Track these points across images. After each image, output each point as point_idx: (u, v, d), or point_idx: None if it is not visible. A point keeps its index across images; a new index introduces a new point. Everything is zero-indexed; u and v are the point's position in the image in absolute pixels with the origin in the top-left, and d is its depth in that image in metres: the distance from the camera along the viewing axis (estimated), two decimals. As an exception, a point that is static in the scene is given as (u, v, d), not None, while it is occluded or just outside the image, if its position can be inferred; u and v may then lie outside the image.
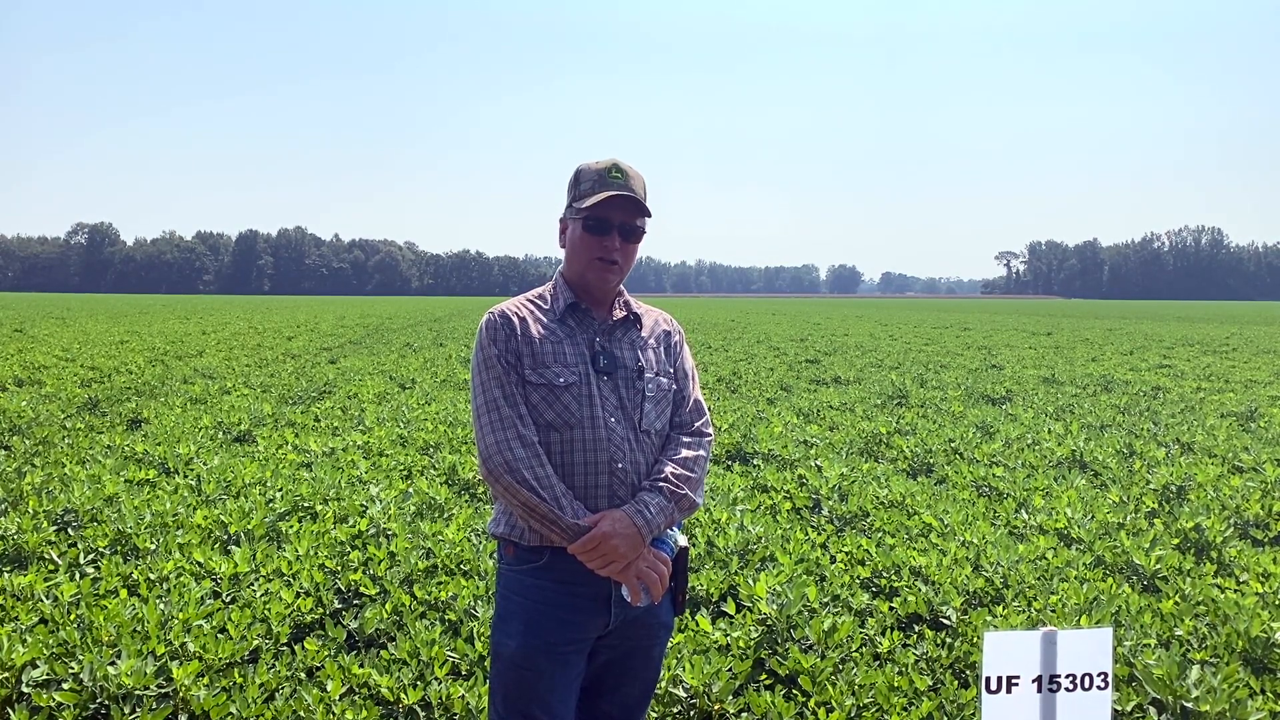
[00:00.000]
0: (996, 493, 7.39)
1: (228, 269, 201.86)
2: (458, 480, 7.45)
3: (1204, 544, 5.93)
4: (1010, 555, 5.40)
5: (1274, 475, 7.54)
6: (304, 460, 8.07)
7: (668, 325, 2.77)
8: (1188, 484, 7.41)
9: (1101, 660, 2.50)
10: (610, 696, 2.67)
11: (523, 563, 2.49)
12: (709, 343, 25.57)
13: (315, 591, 4.82)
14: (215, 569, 4.98)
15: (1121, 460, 8.57)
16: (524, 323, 2.55)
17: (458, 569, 5.20)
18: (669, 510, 2.47)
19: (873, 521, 6.35)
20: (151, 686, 3.74)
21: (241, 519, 5.84)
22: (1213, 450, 9.08)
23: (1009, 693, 2.46)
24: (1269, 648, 4.24)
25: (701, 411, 2.71)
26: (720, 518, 6.04)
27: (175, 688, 3.76)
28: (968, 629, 4.50)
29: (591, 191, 2.54)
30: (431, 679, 3.97)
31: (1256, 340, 29.09)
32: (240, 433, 9.66)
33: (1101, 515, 6.37)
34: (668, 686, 3.90)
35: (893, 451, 9.11)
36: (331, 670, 3.89)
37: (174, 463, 7.79)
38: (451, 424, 9.81)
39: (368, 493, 6.54)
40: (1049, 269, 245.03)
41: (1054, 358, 21.07)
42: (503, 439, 2.41)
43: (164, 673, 3.84)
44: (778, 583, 4.87)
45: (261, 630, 4.31)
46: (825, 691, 3.90)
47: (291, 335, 27.19)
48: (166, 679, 3.81)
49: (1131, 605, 4.65)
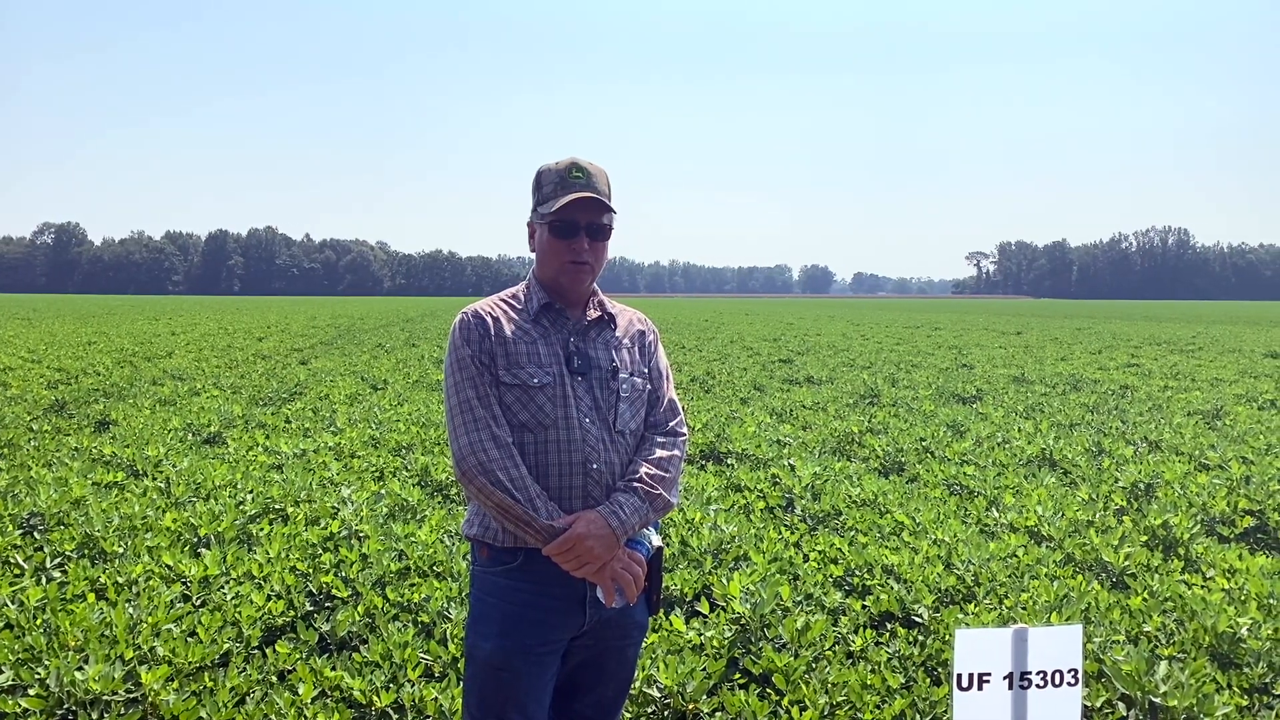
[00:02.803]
0: (967, 491, 7.44)
1: (197, 269, 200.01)
2: (430, 481, 7.41)
3: (1171, 541, 6.00)
4: (981, 553, 5.45)
5: (1239, 473, 7.64)
6: (275, 462, 8.01)
7: (642, 325, 2.77)
8: (1155, 482, 7.49)
9: (1071, 657, 2.53)
10: (585, 697, 2.67)
11: (497, 564, 2.49)
12: (683, 342, 25.60)
13: (287, 594, 4.78)
14: (185, 572, 4.93)
15: (1090, 458, 8.66)
16: (498, 323, 2.54)
17: (431, 570, 5.18)
18: (643, 511, 2.47)
19: (845, 520, 6.38)
20: (120, 692, 3.69)
21: (212, 521, 5.78)
22: (1180, 448, 9.19)
23: (981, 690, 2.47)
24: (1235, 643, 4.30)
25: (676, 411, 2.71)
26: (694, 517, 6.05)
27: (144, 692, 3.71)
28: (940, 627, 4.53)
29: (554, 194, 2.53)
30: (405, 681, 3.94)
31: (1222, 339, 29.48)
32: (210, 434, 9.57)
33: (1071, 513, 6.43)
34: (642, 686, 3.90)
35: (865, 450, 9.16)
36: (303, 673, 3.87)
37: (143, 465, 7.71)
38: (424, 425, 9.77)
39: (339, 494, 6.50)
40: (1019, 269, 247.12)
41: (1024, 357, 21.25)
42: (477, 440, 2.40)
43: (132, 677, 3.80)
44: (751, 582, 4.88)
45: (232, 633, 4.28)
46: (799, 690, 3.91)
47: (262, 336, 26.97)
48: (135, 684, 3.77)
49: (1101, 602, 4.69)
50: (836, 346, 24.50)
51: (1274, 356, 22.23)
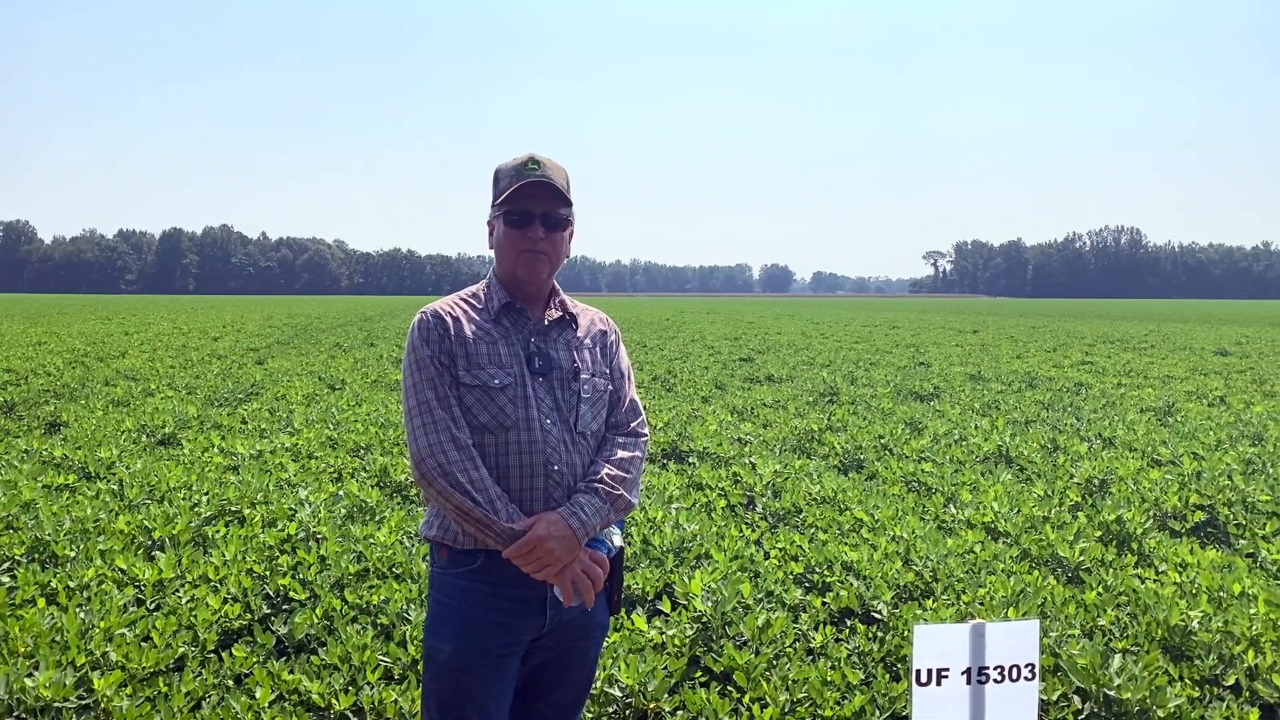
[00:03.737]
0: (925, 488, 7.51)
1: (151, 268, 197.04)
2: (389, 482, 7.36)
3: (1125, 536, 6.10)
4: (939, 549, 5.50)
5: (1190, 468, 7.78)
6: (231, 463, 7.91)
7: (604, 325, 2.76)
8: (1109, 477, 7.61)
9: (1029, 651, 2.56)
10: (546, 698, 2.66)
11: (456, 566, 2.47)
12: (644, 342, 25.62)
13: (243, 597, 4.72)
14: (139, 576, 4.85)
15: (1046, 455, 8.78)
16: (457, 323, 2.51)
17: (390, 572, 5.14)
18: (605, 511, 2.46)
19: (805, 518, 6.41)
20: (71, 698, 3.63)
21: (166, 524, 5.70)
22: (1133, 444, 9.35)
23: (939, 685, 2.50)
24: (1186, 635, 4.37)
25: (637, 411, 2.70)
26: (655, 516, 6.05)
27: (96, 699, 3.65)
28: (898, 623, 4.57)
29: (509, 186, 2.52)
30: (363, 684, 3.91)
31: (1173, 337, 30.01)
32: (164, 435, 9.43)
33: (1027, 509, 6.52)
34: (603, 686, 3.90)
35: (824, 448, 9.22)
36: (260, 677, 3.82)
37: (95, 467, 7.58)
38: (383, 425, 9.69)
39: (297, 496, 6.43)
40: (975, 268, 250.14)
41: (980, 355, 21.50)
42: (436, 442, 2.38)
43: (84, 683, 3.73)
44: (712, 580, 4.89)
45: (187, 637, 4.22)
46: (759, 687, 3.92)
47: (217, 336, 26.62)
48: (87, 690, 3.70)
49: (1056, 597, 4.76)
50: (796, 345, 24.64)
51: (1223, 354, 22.68)
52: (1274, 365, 19.17)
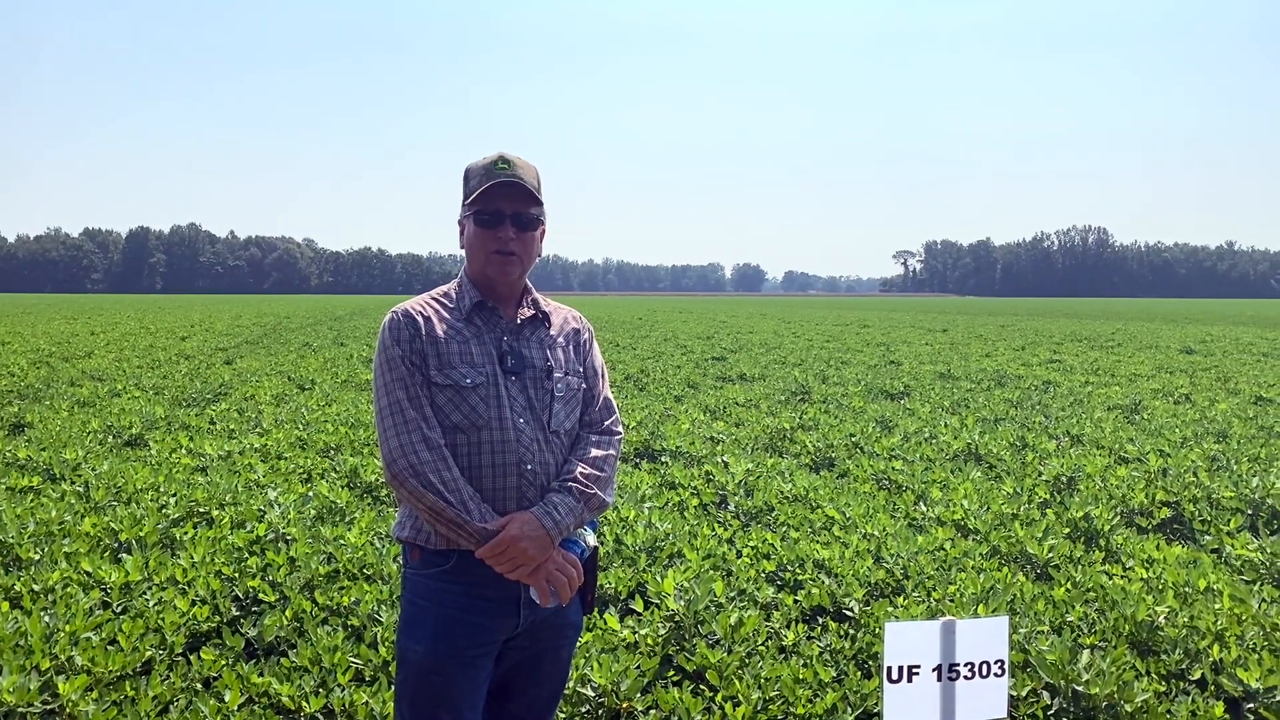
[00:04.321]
0: (896, 485, 7.56)
1: (118, 267, 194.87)
2: (360, 483, 7.31)
3: (1093, 532, 6.16)
4: (910, 547, 5.53)
5: (1157, 465, 7.88)
6: (199, 464, 7.83)
7: (577, 323, 2.75)
8: (1077, 475, 7.68)
9: (998, 648, 2.58)
10: (519, 699, 2.65)
11: (429, 566, 2.45)
12: (617, 341, 25.61)
13: (212, 599, 4.68)
14: (105, 578, 4.79)
15: (1015, 452, 8.85)
16: (429, 322, 2.50)
17: (360, 573, 5.11)
18: (578, 510, 2.45)
19: (777, 516, 6.43)
20: (36, 703, 3.58)
21: (133, 526, 5.63)
22: (1100, 442, 9.45)
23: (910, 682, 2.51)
24: (1153, 631, 4.43)
25: (611, 410, 2.70)
26: (628, 515, 6.05)
27: (62, 703, 3.61)
28: (870, 620, 4.59)
29: (479, 186, 2.51)
30: (334, 686, 3.88)
31: (1139, 336, 30.36)
32: (131, 436, 9.32)
33: (996, 506, 6.57)
34: (576, 686, 3.89)
35: (796, 447, 9.25)
36: (229, 680, 3.78)
37: (60, 469, 7.47)
38: (353, 425, 9.63)
39: (266, 497, 6.37)
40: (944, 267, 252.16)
41: (949, 354, 21.65)
42: (407, 442, 2.36)
43: (49, 688, 3.68)
44: (685, 579, 4.90)
45: (155, 640, 4.17)
46: (732, 686, 3.93)
47: (185, 335, 26.34)
48: (52, 695, 3.65)
49: (1025, 593, 4.80)
50: (768, 344, 24.71)
51: (1189, 352, 22.97)
52: (1238, 363, 19.45)
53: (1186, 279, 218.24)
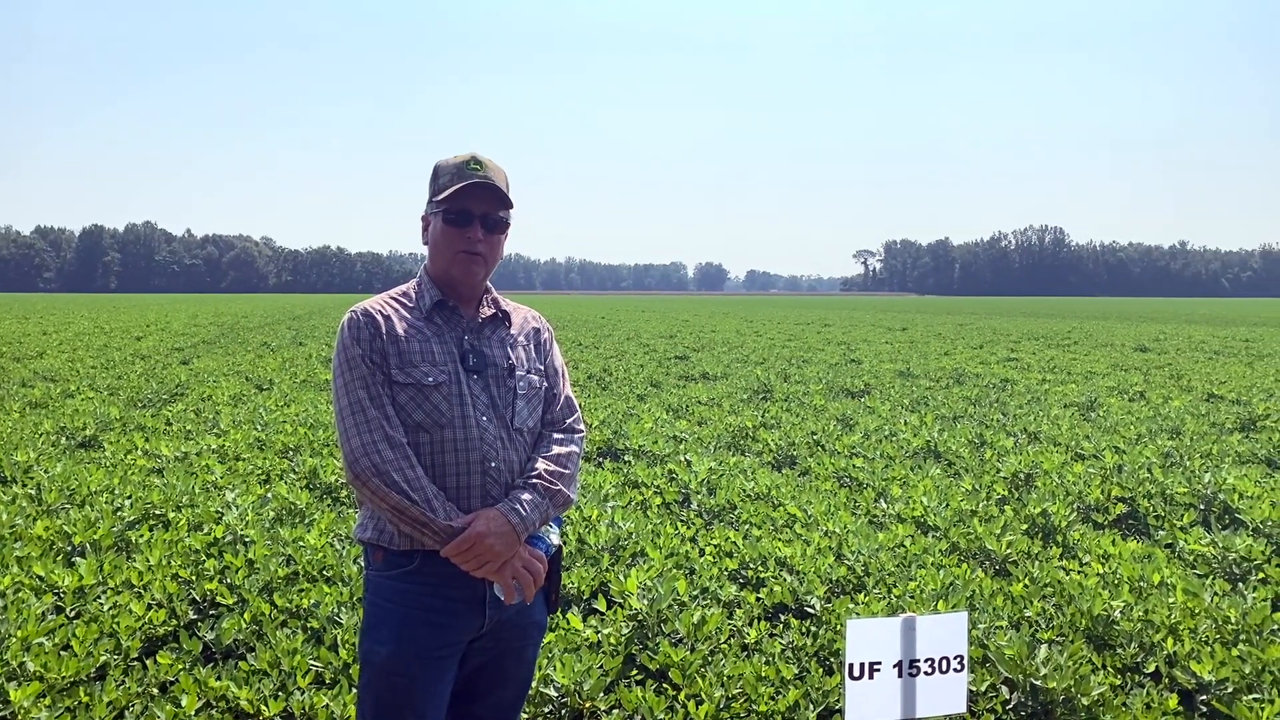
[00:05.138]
0: (857, 483, 7.61)
1: (71, 266, 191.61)
2: (319, 484, 7.24)
3: (1050, 529, 6.24)
4: (870, 544, 5.58)
5: (1112, 462, 8.00)
6: (155, 466, 7.72)
7: (536, 323, 2.75)
8: (1034, 472, 7.78)
9: (957, 644, 2.60)
10: (484, 701, 2.64)
11: (392, 567, 2.43)
12: (580, 340, 25.57)
13: (168, 603, 4.61)
14: (58, 583, 4.71)
15: (973, 450, 8.95)
16: (389, 321, 2.48)
17: (320, 575, 5.06)
18: (543, 507, 2.45)
19: (740, 514, 6.45)
20: (-13, 710, 3.51)
21: (87, 529, 5.54)
22: (1057, 439, 9.57)
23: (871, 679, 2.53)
24: (1109, 625, 4.49)
25: (573, 408, 2.70)
26: (591, 515, 6.04)
27: (13, 710, 3.54)
28: (831, 617, 4.62)
29: (450, 184, 2.50)
30: (294, 689, 3.84)
31: (1095, 334, 30.82)
32: (85, 438, 9.17)
33: (955, 503, 6.64)
34: (539, 686, 3.88)
35: (758, 445, 9.29)
36: (186, 684, 3.73)
37: (11, 471, 7.33)
38: (312, 426, 9.54)
39: (224, 498, 6.30)
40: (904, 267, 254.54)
41: (909, 352, 21.85)
42: (369, 441, 2.34)
43: (0, 695, 3.61)
44: (648, 578, 4.90)
45: (110, 645, 4.10)
46: (695, 684, 3.94)
47: (141, 335, 25.95)
48: (3, 701, 3.58)
49: (984, 589, 4.85)
50: (731, 343, 24.80)
51: (1143, 350, 23.35)
52: (1191, 361, 19.80)
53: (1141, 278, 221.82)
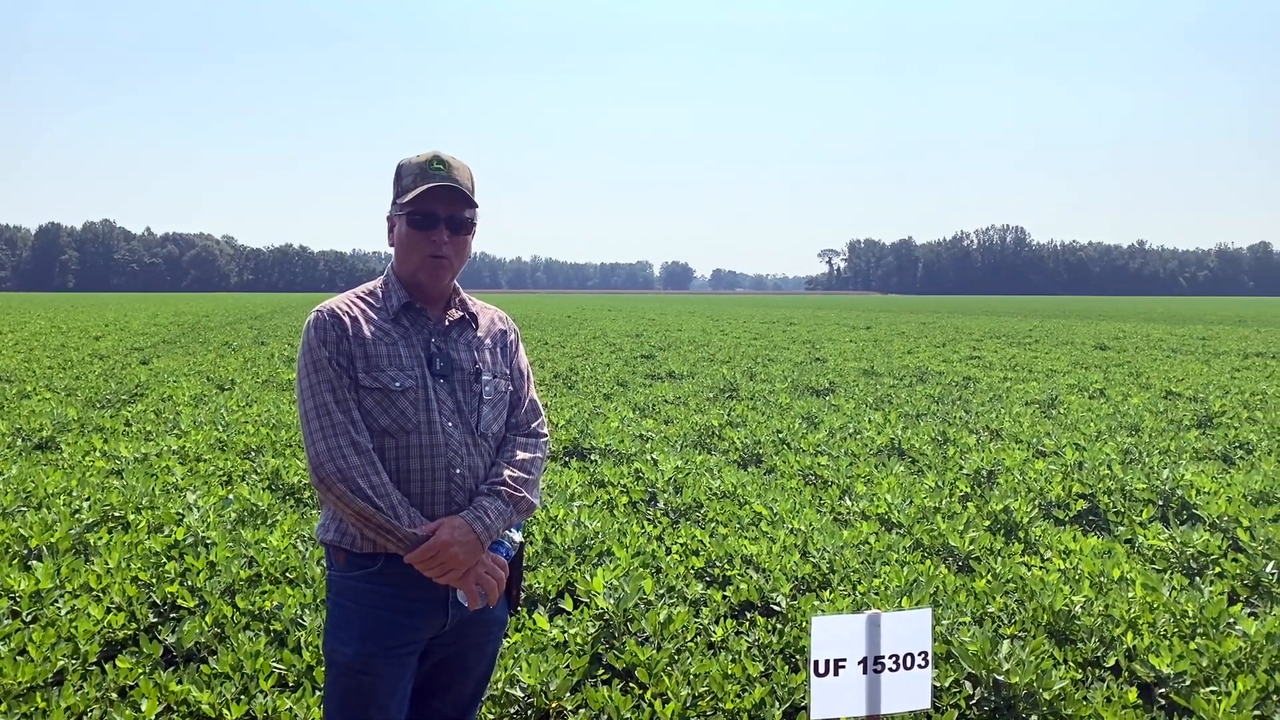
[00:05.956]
0: (822, 481, 7.65)
1: (26, 264, 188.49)
2: (282, 485, 7.17)
3: (1012, 525, 6.31)
4: (835, 541, 5.61)
5: (1073, 458, 8.10)
6: (114, 467, 7.60)
7: (503, 324, 2.73)
8: (997, 469, 7.86)
9: (922, 640, 2.62)
10: (444, 695, 2.63)
11: (354, 569, 2.42)
12: (546, 339, 25.51)
13: (128, 606, 4.55)
14: (13, 587, 4.63)
15: (936, 447, 9.03)
16: (355, 323, 2.45)
17: (283, 577, 5.01)
18: (507, 514, 2.44)
19: (706, 512, 6.47)
20: (-59, 717, 3.44)
21: (44, 531, 5.45)
22: (1018, 436, 9.68)
23: (836, 675, 2.54)
24: (1070, 620, 4.55)
25: (537, 412, 2.69)
26: (557, 514, 6.03)
27: (-31, 717, 3.47)
28: (797, 614, 4.64)
29: (413, 186, 2.47)
30: (257, 692, 3.80)
31: (1056, 333, 31.19)
32: (42, 439, 9.02)
33: (919, 500, 6.69)
34: (504, 687, 3.87)
35: (724, 443, 9.31)
36: (146, 688, 3.68)
37: (-35, 473, 7.20)
38: (274, 426, 9.44)
39: (184, 500, 6.22)
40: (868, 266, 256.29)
41: (873, 351, 22.00)
42: (335, 446, 2.31)
43: (-45, 702, 3.55)
44: (615, 577, 4.90)
45: (67, 650, 4.04)
46: (661, 683, 3.94)
47: (99, 335, 25.57)
48: (-42, 708, 3.52)
49: (948, 585, 4.89)
50: (697, 342, 24.84)
51: (1103, 348, 23.67)
52: (1149, 359, 20.09)
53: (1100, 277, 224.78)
